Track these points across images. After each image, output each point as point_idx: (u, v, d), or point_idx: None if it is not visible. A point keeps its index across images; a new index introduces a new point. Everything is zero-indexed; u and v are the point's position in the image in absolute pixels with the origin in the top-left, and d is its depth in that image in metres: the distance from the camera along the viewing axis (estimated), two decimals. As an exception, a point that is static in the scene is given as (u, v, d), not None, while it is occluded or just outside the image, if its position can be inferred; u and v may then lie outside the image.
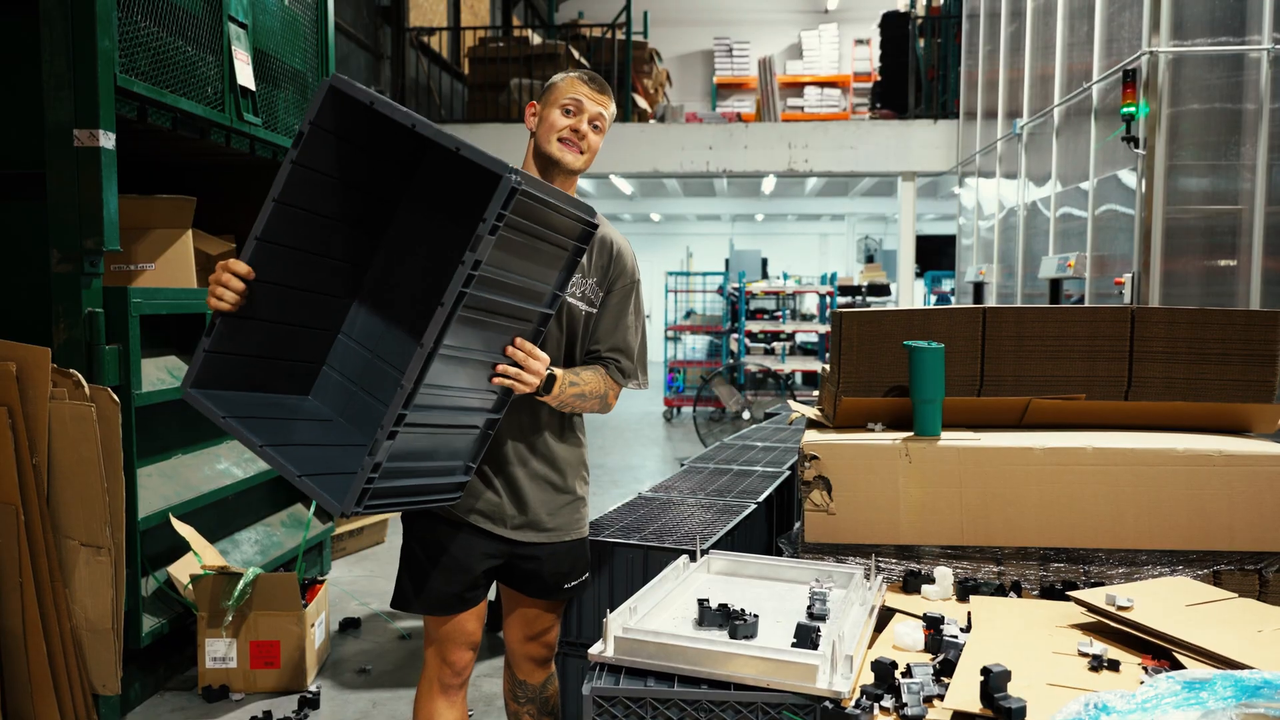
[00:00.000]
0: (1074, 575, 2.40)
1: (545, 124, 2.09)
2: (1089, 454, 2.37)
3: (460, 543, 2.07)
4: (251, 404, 1.91)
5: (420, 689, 2.15)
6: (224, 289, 1.80)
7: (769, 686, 1.67)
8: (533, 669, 2.25)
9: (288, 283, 1.92)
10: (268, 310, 1.90)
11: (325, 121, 1.77)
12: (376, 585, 4.45)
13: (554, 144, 2.08)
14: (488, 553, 2.08)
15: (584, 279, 2.12)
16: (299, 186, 1.79)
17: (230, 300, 1.80)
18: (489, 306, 1.75)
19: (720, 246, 18.05)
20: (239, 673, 3.21)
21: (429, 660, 2.14)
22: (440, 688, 2.13)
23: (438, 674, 2.12)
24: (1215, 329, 2.62)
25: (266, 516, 4.12)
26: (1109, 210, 5.54)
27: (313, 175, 1.81)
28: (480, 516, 2.07)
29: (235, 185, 4.45)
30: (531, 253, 1.78)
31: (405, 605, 2.10)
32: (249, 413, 1.87)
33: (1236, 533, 2.29)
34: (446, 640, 2.11)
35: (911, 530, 2.44)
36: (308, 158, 1.78)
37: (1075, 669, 1.67)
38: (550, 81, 2.16)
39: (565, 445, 2.15)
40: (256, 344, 1.92)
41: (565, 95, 2.09)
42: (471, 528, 2.07)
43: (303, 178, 1.79)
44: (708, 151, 10.49)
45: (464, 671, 2.15)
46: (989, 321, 2.69)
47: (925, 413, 2.49)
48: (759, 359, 11.32)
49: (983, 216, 8.71)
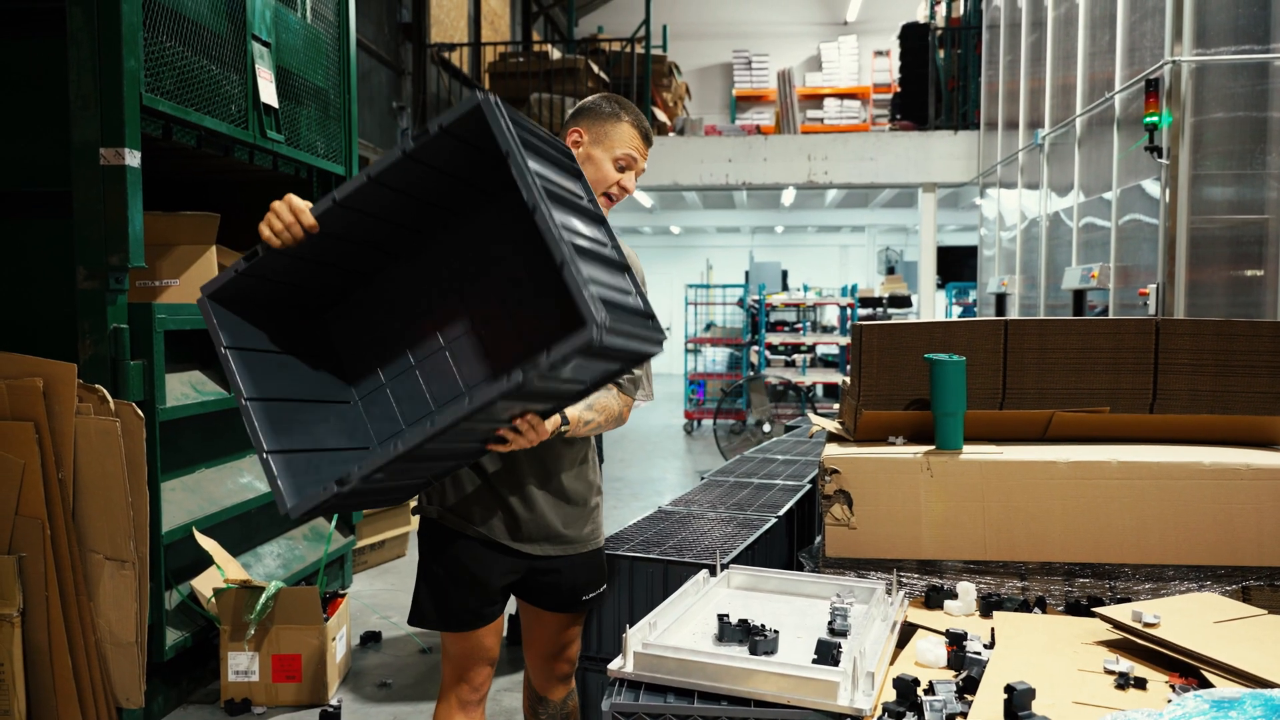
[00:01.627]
0: (1099, 591, 2.37)
1: (595, 168, 2.04)
2: (1113, 468, 2.34)
3: (479, 558, 2.07)
4: (258, 340, 1.81)
5: (439, 706, 2.15)
6: (283, 226, 1.67)
7: (790, 703, 1.65)
8: (553, 685, 2.24)
9: (342, 262, 1.87)
10: (313, 276, 1.84)
11: (457, 131, 1.67)
12: (397, 599, 4.46)
13: (602, 197, 2.07)
14: (506, 568, 2.08)
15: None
16: (397, 174, 1.71)
17: (284, 239, 1.68)
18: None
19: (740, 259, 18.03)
20: (261, 686, 3.22)
21: (447, 676, 2.14)
22: (459, 704, 2.12)
23: (455, 690, 2.12)
24: (1242, 340, 2.59)
25: (289, 530, 4.14)
26: (1132, 220, 5.49)
27: (414, 171, 1.73)
28: (499, 532, 2.07)
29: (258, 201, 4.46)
30: (580, 368, 1.67)
31: (422, 622, 2.10)
32: (253, 345, 1.79)
33: (1265, 548, 2.25)
34: (464, 657, 2.11)
35: (934, 545, 2.41)
36: (420, 154, 1.69)
37: (1101, 687, 1.65)
38: (599, 110, 2.06)
39: (581, 465, 2.15)
40: (289, 290, 1.85)
41: (624, 147, 2.04)
42: (490, 543, 2.07)
43: (405, 170, 1.71)
44: (727, 164, 10.50)
45: (482, 688, 2.15)
46: (1011, 333, 2.67)
47: (947, 426, 2.48)
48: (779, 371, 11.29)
49: (1004, 227, 8.66)
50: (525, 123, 1.69)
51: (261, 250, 1.73)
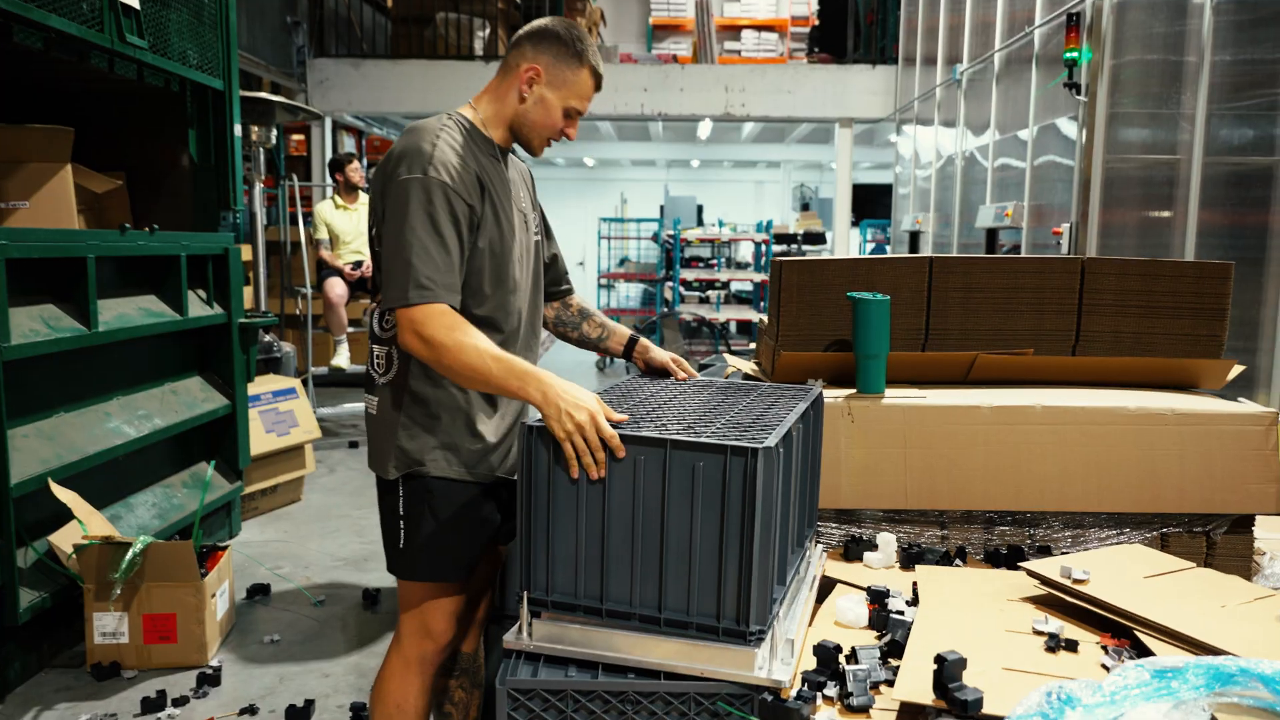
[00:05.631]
0: (1019, 539, 2.30)
1: (545, 112, 1.83)
2: (1038, 413, 2.25)
3: (486, 501, 1.89)
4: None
5: (389, 667, 1.91)
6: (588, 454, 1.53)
7: (703, 675, 1.51)
8: (469, 636, 2.08)
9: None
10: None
11: None
12: (290, 548, 4.21)
13: (542, 141, 1.88)
14: (505, 503, 1.93)
15: (533, 211, 2.03)
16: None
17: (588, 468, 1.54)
18: None
19: (655, 192, 17.75)
20: (131, 648, 2.96)
21: (407, 635, 1.90)
22: (419, 665, 1.90)
23: (418, 650, 1.89)
24: (1166, 281, 2.52)
25: (166, 477, 3.83)
26: (1048, 160, 5.46)
27: None
28: (506, 473, 1.92)
29: (125, 116, 4.06)
30: None
31: (411, 573, 1.87)
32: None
33: (1187, 494, 2.20)
34: (438, 611, 1.88)
35: (853, 493, 2.30)
36: None
37: (1031, 650, 1.55)
38: (564, 51, 1.81)
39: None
40: None
41: (579, 99, 1.84)
42: (499, 483, 1.91)
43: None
44: (643, 94, 10.18)
45: (449, 647, 1.94)
46: (935, 272, 2.55)
47: (869, 369, 2.35)
48: (693, 308, 11.17)
49: (920, 165, 8.62)
50: None
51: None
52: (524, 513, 1.58)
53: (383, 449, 1.85)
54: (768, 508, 1.47)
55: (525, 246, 1.92)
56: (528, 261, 1.94)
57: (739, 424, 1.62)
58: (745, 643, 1.49)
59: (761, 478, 1.45)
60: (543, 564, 1.58)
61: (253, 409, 4.50)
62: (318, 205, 6.61)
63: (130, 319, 3.44)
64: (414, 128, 1.78)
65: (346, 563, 4.03)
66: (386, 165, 1.76)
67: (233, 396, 4.11)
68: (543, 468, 1.57)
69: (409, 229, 1.69)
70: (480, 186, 1.77)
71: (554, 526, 1.57)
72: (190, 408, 3.84)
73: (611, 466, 1.53)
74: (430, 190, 1.69)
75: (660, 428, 1.58)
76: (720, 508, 1.48)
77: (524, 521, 1.59)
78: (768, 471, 1.46)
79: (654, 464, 1.51)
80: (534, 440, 1.57)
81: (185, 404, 3.84)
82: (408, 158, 1.72)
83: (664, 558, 1.52)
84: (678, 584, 1.52)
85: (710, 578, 1.50)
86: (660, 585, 1.53)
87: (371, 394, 1.89)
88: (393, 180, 1.73)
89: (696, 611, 1.51)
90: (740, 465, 1.46)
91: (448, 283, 1.70)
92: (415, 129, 1.77)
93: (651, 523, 1.52)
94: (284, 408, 4.80)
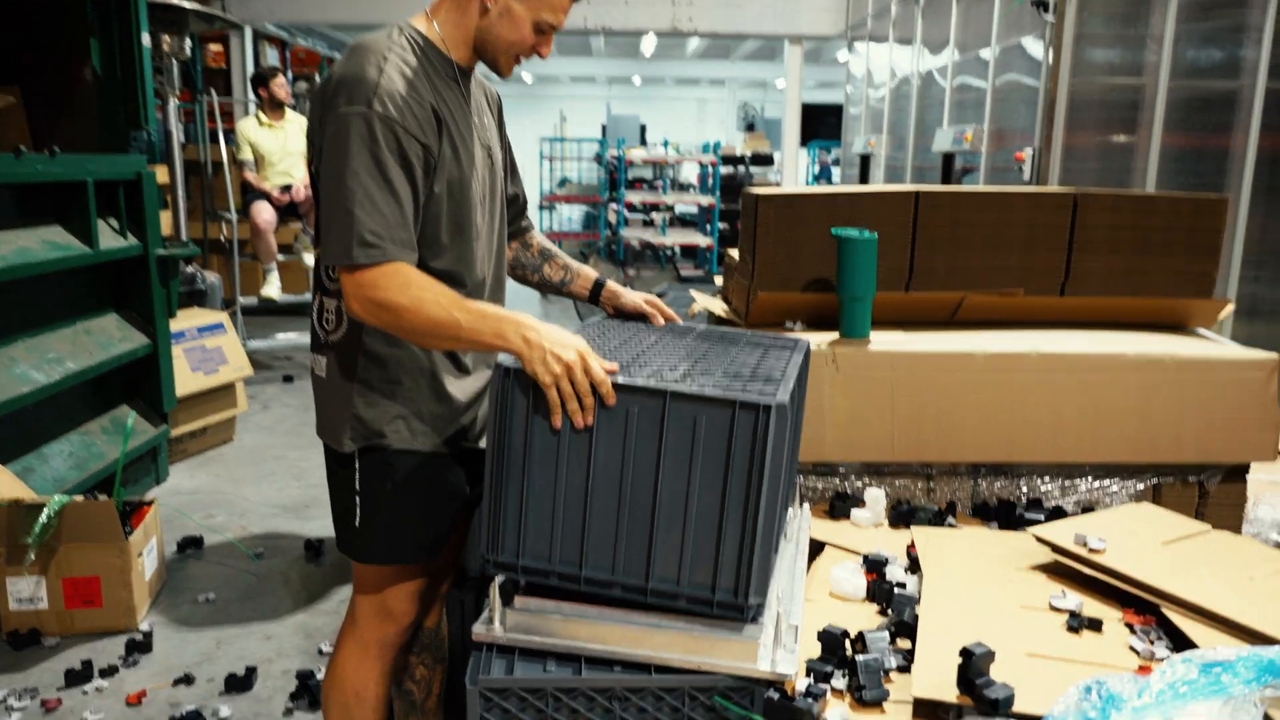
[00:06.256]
0: (1009, 491, 2.19)
1: (513, 27, 1.55)
2: (1032, 360, 2.12)
3: (454, 471, 1.67)
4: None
5: (345, 651, 1.72)
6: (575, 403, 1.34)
7: (699, 669, 1.36)
8: (430, 608, 1.91)
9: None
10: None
11: None
12: (223, 494, 3.96)
13: (510, 60, 1.60)
14: (477, 471, 1.70)
15: (499, 144, 1.80)
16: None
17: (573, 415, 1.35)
18: None
19: (596, 111, 17.22)
20: (52, 614, 2.73)
21: (364, 617, 1.70)
22: (378, 650, 1.71)
23: (377, 634, 1.70)
24: (1161, 217, 2.39)
25: (84, 424, 3.54)
26: (1010, 80, 5.29)
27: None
28: (471, 436, 1.70)
29: (17, 25, 3.64)
30: None
31: (368, 555, 1.65)
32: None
33: (1184, 443, 2.11)
34: (399, 593, 1.68)
35: (837, 445, 2.16)
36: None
37: (1052, 630, 1.43)
38: None
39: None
40: None
41: (554, 13, 1.56)
42: (468, 452, 1.69)
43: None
44: (585, 5, 9.69)
45: (412, 628, 1.75)
46: (922, 207, 2.38)
47: (854, 312, 2.18)
48: (637, 231, 10.90)
49: (873, 85, 8.39)
50: None
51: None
52: (494, 466, 1.39)
53: (335, 418, 1.61)
54: (776, 470, 1.31)
55: (489, 186, 1.68)
56: (491, 203, 1.70)
57: (738, 375, 1.45)
58: (742, 617, 1.34)
59: (773, 437, 1.28)
60: (514, 525, 1.40)
61: (176, 347, 4.19)
62: (240, 123, 6.15)
63: (32, 253, 3.11)
64: (358, 46, 1.51)
65: (285, 510, 3.81)
66: (325, 91, 1.49)
67: (153, 334, 3.80)
68: (519, 416, 1.38)
69: (350, 174, 1.43)
70: (437, 120, 1.51)
71: (529, 483, 1.38)
72: (106, 348, 3.53)
73: (599, 418, 1.35)
74: (375, 127, 1.43)
75: (654, 376, 1.39)
76: (724, 468, 1.31)
77: (494, 476, 1.40)
78: (779, 430, 1.29)
79: (649, 417, 1.33)
80: (510, 385, 1.37)
81: (100, 344, 3.53)
82: (348, 85, 1.45)
83: (655, 521, 1.35)
84: (668, 551, 1.36)
85: (706, 545, 1.34)
86: (649, 552, 1.36)
87: (318, 353, 1.63)
88: (331, 111, 1.46)
89: (688, 582, 1.36)
90: (749, 422, 1.29)
91: (399, 238, 1.45)
92: (359, 48, 1.50)
93: (642, 482, 1.35)
94: (211, 344, 4.49)
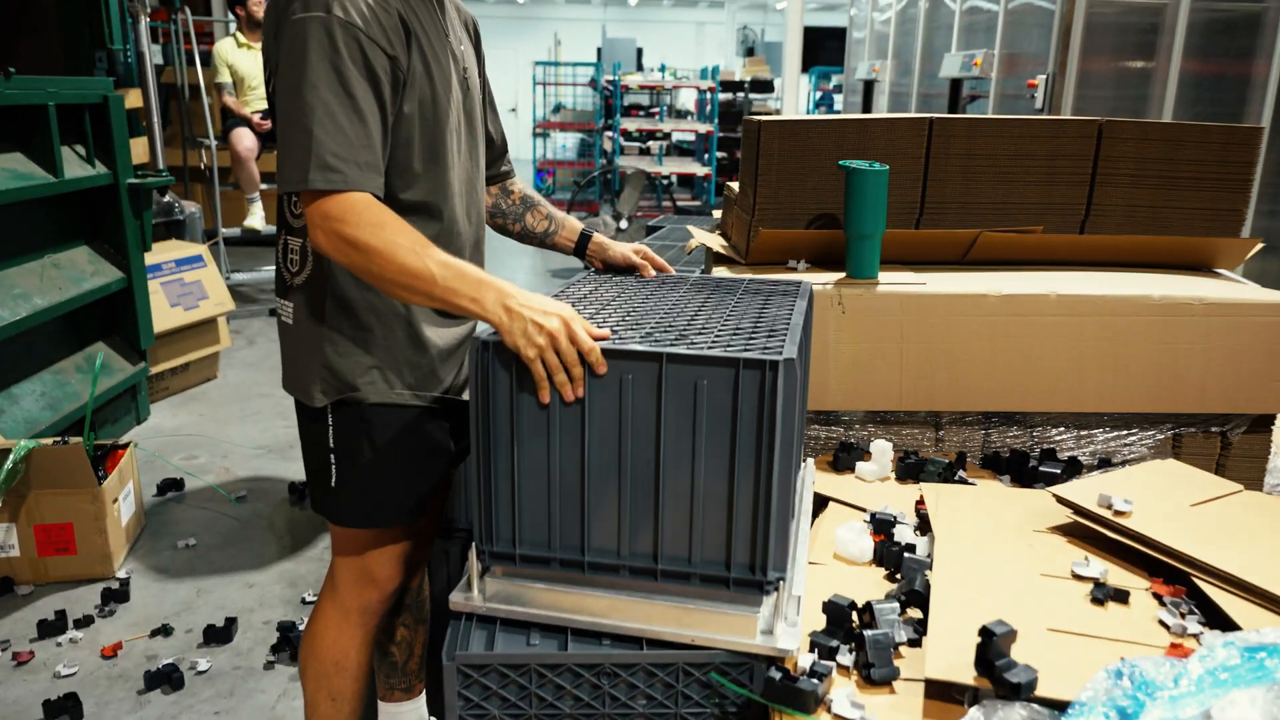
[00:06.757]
0: (1021, 441, 2.08)
1: None
2: (1051, 302, 1.98)
3: (437, 424, 1.54)
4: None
5: (324, 618, 1.61)
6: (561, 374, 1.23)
7: (695, 643, 1.26)
8: (415, 571, 1.81)
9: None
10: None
11: None
12: (206, 434, 3.85)
13: None
14: (462, 422, 1.58)
15: (476, 68, 1.63)
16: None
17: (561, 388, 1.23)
18: None
19: (591, 34, 16.72)
20: (24, 561, 2.64)
21: (344, 583, 1.59)
22: (359, 616, 1.60)
23: (359, 600, 1.59)
24: (1191, 148, 2.23)
25: (57, 362, 3.41)
26: (1023, 3, 5.05)
27: None
28: (461, 389, 1.58)
29: None
30: None
31: (347, 518, 1.54)
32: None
33: (1208, 392, 1.99)
34: (382, 556, 1.57)
35: (841, 393, 2.04)
36: None
37: (1075, 601, 1.33)
38: None
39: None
40: None
41: None
42: (451, 405, 1.56)
43: None
44: (579, -79, 9.28)
45: (397, 593, 1.65)
46: (935, 135, 2.22)
47: (862, 250, 2.04)
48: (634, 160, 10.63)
49: (878, 8, 8.07)
50: None
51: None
52: (480, 450, 1.27)
53: (303, 369, 1.47)
54: (787, 430, 1.20)
55: (465, 110, 1.52)
56: (470, 133, 1.54)
57: (739, 329, 1.32)
58: (761, 593, 1.24)
59: (783, 395, 1.16)
60: (508, 512, 1.29)
61: (153, 280, 4.04)
62: (218, 44, 5.88)
63: (-10, 183, 2.94)
64: None
65: (270, 451, 3.71)
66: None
67: (127, 268, 3.65)
68: (503, 394, 1.25)
69: (309, 86, 1.27)
70: (405, 30, 1.35)
71: (520, 465, 1.27)
72: (77, 283, 3.38)
73: (591, 389, 1.22)
74: (335, 35, 1.27)
75: (646, 338, 1.26)
76: (730, 433, 1.19)
77: (480, 461, 1.28)
78: (789, 387, 1.17)
79: (644, 383, 1.21)
80: (489, 360, 1.24)
81: (70, 279, 3.37)
82: None
83: (660, 496, 1.24)
84: (676, 527, 1.25)
85: (717, 518, 1.23)
86: (656, 530, 1.25)
87: (285, 298, 1.48)
88: (287, 19, 1.29)
89: (700, 560, 1.25)
90: (755, 381, 1.17)
91: (364, 160, 1.29)
92: None
93: (642, 454, 1.23)
94: (190, 277, 4.33)
